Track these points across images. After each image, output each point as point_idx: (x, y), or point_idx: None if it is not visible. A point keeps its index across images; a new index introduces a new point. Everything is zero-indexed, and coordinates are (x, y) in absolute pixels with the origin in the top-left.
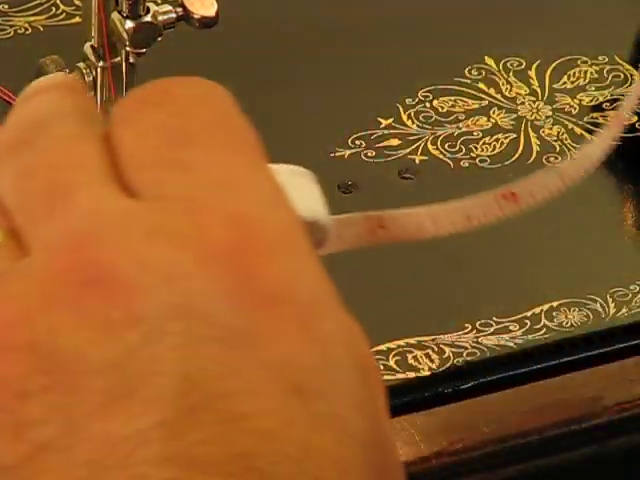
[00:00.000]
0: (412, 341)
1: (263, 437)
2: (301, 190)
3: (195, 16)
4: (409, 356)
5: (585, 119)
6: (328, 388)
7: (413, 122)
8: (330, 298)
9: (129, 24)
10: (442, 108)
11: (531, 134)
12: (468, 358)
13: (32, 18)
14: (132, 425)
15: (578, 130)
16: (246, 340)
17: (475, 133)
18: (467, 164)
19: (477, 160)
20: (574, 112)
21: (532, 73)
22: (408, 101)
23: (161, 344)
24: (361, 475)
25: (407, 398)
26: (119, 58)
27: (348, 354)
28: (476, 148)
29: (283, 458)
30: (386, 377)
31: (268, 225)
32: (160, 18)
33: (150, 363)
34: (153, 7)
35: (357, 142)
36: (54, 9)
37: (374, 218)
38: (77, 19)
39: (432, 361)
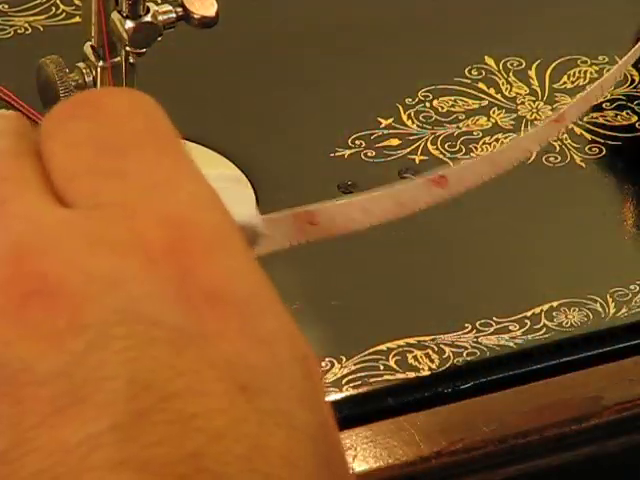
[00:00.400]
0: (412, 341)
1: (213, 437)
2: (233, 194)
3: (195, 16)
4: (409, 356)
5: (585, 119)
6: (272, 385)
7: (413, 122)
8: (269, 296)
9: (129, 24)
10: (442, 108)
11: None
12: (468, 358)
13: (32, 18)
14: (84, 430)
15: (578, 130)
16: (192, 340)
17: (475, 133)
18: None
19: None
20: None
21: (532, 73)
22: (408, 101)
23: (107, 349)
24: (311, 469)
25: (407, 398)
26: (119, 58)
27: (290, 351)
28: (476, 148)
29: (233, 458)
30: (386, 377)
31: (203, 225)
32: (160, 18)
33: (98, 369)
34: (153, 7)
35: (357, 142)
36: (54, 9)
37: (302, 215)
38: (77, 19)
39: (432, 361)
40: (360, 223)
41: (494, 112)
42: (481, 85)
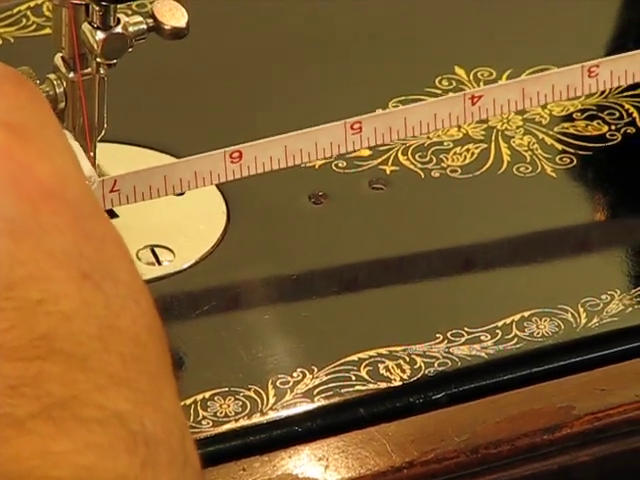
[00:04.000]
0: (383, 351)
1: (62, 319)
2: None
3: (166, 27)
4: (380, 366)
5: (556, 129)
6: (112, 274)
7: None
8: (97, 202)
9: (100, 35)
10: None
11: (502, 144)
12: (439, 368)
13: (2, 30)
14: None
15: (549, 140)
16: (29, 231)
17: (446, 143)
18: (438, 174)
19: (448, 170)
20: (545, 122)
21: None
22: (379, 111)
23: None
24: (159, 350)
25: (379, 408)
26: (90, 69)
27: (120, 249)
28: (447, 158)
29: (86, 338)
30: (358, 387)
31: (41, 133)
32: (131, 29)
33: None
34: (124, 18)
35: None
36: (24, 20)
37: (107, 182)
38: (47, 30)
39: (404, 371)
40: (162, 192)
41: (464, 122)
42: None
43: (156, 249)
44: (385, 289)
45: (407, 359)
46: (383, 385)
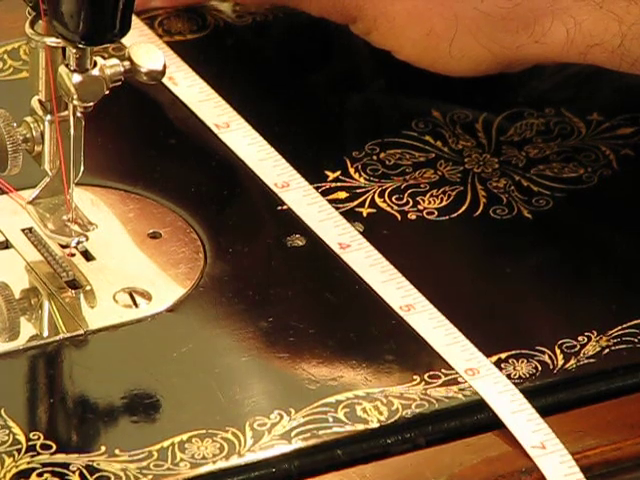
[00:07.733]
0: (361, 393)
1: None
2: None
3: (142, 70)
4: (358, 408)
5: (532, 171)
6: None
7: (360, 175)
8: None
9: (76, 78)
10: (389, 161)
11: (478, 186)
12: (417, 410)
13: None
14: None
15: (525, 182)
16: None
17: (422, 186)
18: (414, 216)
19: (424, 212)
20: (521, 164)
21: (479, 125)
22: (355, 154)
23: None
24: None
25: (356, 450)
26: (67, 112)
27: None
28: (423, 200)
29: None
30: (335, 429)
31: None
32: (107, 72)
33: None
34: (100, 61)
35: None
36: (1, 64)
37: None
38: (25, 74)
39: (381, 413)
40: None
41: (441, 165)
42: (428, 138)
43: (133, 291)
44: (362, 332)
45: (384, 401)
46: (360, 427)
